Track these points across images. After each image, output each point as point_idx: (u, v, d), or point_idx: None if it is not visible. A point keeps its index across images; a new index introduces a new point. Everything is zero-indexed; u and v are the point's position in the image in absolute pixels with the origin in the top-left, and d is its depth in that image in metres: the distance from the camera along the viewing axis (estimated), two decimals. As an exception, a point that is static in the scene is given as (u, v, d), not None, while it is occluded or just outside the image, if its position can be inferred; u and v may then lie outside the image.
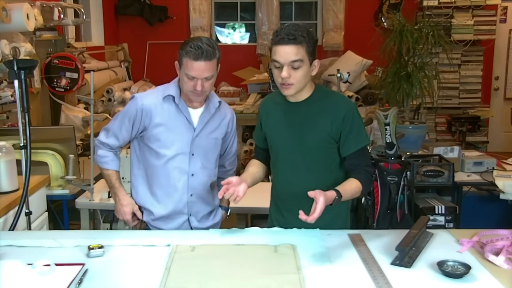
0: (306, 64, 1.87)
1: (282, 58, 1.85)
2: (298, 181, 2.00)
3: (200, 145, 2.15)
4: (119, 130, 2.17)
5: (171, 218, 2.18)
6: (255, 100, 5.54)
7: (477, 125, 6.05)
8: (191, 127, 2.13)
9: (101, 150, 2.22)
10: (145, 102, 2.12)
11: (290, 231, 1.99)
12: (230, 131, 2.29)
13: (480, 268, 1.67)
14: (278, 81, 1.90)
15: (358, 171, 1.95)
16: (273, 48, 1.88)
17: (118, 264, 1.73)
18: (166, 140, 2.11)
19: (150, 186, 2.19)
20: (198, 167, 2.17)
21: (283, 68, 1.85)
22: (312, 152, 1.98)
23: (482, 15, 6.28)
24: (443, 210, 3.08)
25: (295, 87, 1.90)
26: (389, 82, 4.00)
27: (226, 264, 1.72)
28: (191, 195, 2.18)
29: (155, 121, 2.10)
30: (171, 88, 2.13)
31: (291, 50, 1.83)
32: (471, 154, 3.73)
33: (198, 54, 1.95)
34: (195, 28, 6.76)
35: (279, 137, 2.03)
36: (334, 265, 1.69)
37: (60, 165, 3.08)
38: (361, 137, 1.98)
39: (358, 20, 6.59)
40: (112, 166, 2.21)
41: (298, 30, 1.84)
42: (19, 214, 2.31)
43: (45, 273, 1.61)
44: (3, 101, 3.35)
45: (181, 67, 2.04)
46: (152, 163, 2.16)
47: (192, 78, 2.00)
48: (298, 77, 1.87)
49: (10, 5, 3.26)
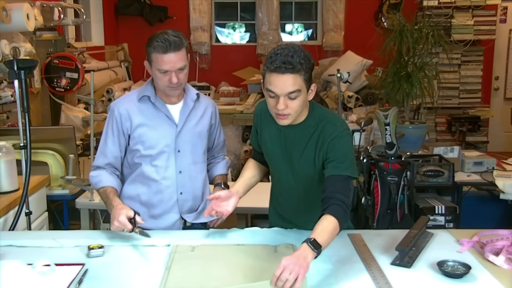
0: (303, 93, 1.74)
1: (278, 89, 1.70)
2: (292, 196, 1.98)
3: (185, 141, 2.12)
4: (105, 145, 2.11)
5: (162, 218, 2.14)
6: (255, 100, 5.54)
7: (477, 125, 6.05)
8: (173, 124, 2.10)
9: (92, 172, 2.13)
10: (121, 107, 2.09)
11: (290, 231, 1.99)
12: (215, 122, 2.26)
13: (480, 268, 1.67)
14: (273, 111, 1.77)
15: (333, 202, 1.69)
16: (268, 75, 1.72)
17: (118, 264, 1.73)
18: (150, 140, 2.08)
19: (137, 187, 2.14)
20: (185, 163, 2.13)
21: (279, 100, 1.71)
22: (302, 176, 1.91)
23: (482, 15, 6.27)
24: (443, 210, 3.08)
25: (292, 117, 1.77)
26: (389, 82, 4.00)
27: (226, 264, 1.72)
28: (180, 193, 2.14)
29: (136, 123, 2.07)
30: (145, 89, 2.10)
31: (288, 80, 1.68)
32: (471, 154, 3.72)
33: (167, 47, 1.93)
34: (195, 28, 6.75)
35: (272, 155, 1.97)
36: (334, 265, 1.69)
37: (60, 165, 3.08)
38: (343, 165, 1.77)
39: (358, 20, 6.59)
40: (106, 183, 2.06)
41: (296, 57, 1.68)
42: (19, 214, 2.31)
43: (45, 273, 1.61)
44: (3, 101, 3.35)
45: (151, 65, 2.00)
46: (139, 165, 2.11)
47: (166, 72, 1.97)
48: (295, 107, 1.74)
49: (10, 5, 3.26)
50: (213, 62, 6.93)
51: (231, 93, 5.96)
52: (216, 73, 6.80)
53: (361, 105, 5.29)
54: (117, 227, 1.85)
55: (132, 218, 1.86)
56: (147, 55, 2.01)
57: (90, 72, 3.42)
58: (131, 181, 2.15)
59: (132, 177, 2.15)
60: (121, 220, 1.84)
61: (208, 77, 6.75)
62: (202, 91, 6.06)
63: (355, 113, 4.95)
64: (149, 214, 2.13)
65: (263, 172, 2.15)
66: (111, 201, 1.97)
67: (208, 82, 6.58)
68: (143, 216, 1.94)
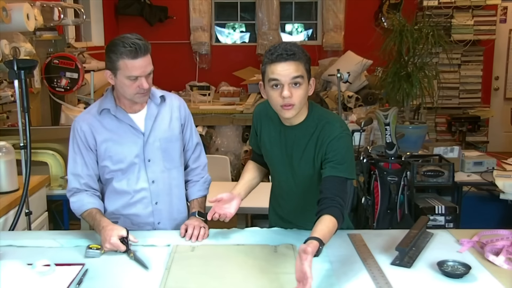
0: (305, 83, 1.75)
1: (282, 76, 1.70)
2: (292, 198, 1.98)
3: (155, 148, 2.01)
4: (75, 165, 2.00)
5: (143, 228, 2.06)
6: (255, 100, 5.54)
7: (477, 125, 6.04)
8: (138, 133, 1.99)
9: (71, 197, 2.00)
10: (83, 123, 1.99)
11: (290, 231, 1.99)
12: (185, 122, 2.11)
13: (480, 268, 1.67)
14: (278, 103, 1.74)
15: (331, 204, 1.69)
16: (269, 67, 1.72)
17: (118, 264, 1.73)
18: (117, 154, 1.97)
19: (114, 202, 2.04)
20: (157, 172, 2.03)
21: (284, 87, 1.70)
22: (302, 177, 1.90)
23: (482, 15, 6.27)
24: (443, 210, 3.07)
25: (296, 108, 1.75)
26: (389, 82, 4.00)
27: (226, 264, 1.72)
28: (155, 203, 2.05)
29: (99, 139, 1.97)
30: (104, 101, 2.00)
31: (291, 66, 1.70)
32: (471, 154, 3.72)
33: (136, 51, 1.83)
34: (195, 28, 6.75)
35: (272, 157, 1.96)
36: (334, 265, 1.69)
37: (60, 165, 3.08)
38: (342, 166, 1.77)
39: (358, 20, 6.59)
40: (88, 206, 1.95)
41: (294, 46, 1.73)
42: (19, 214, 2.32)
43: (45, 273, 1.61)
44: (3, 101, 3.35)
45: (117, 73, 1.88)
46: (111, 180, 2.01)
47: (136, 79, 1.86)
48: (299, 96, 1.73)
49: (10, 5, 3.26)
50: (213, 62, 6.93)
51: (231, 93, 5.97)
52: (216, 73, 6.81)
53: (361, 105, 5.28)
54: (110, 249, 1.79)
55: (125, 238, 1.80)
56: (109, 63, 1.88)
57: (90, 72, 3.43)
58: (107, 197, 2.05)
59: (107, 193, 2.05)
60: (113, 242, 1.77)
61: (208, 77, 6.76)
62: (202, 91, 6.11)
63: (355, 113, 4.95)
64: (132, 224, 2.05)
65: (263, 173, 2.13)
66: (99, 222, 1.87)
67: (208, 82, 6.58)
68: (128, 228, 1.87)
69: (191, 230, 1.93)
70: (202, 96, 5.94)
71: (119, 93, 1.96)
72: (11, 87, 3.35)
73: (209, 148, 5.24)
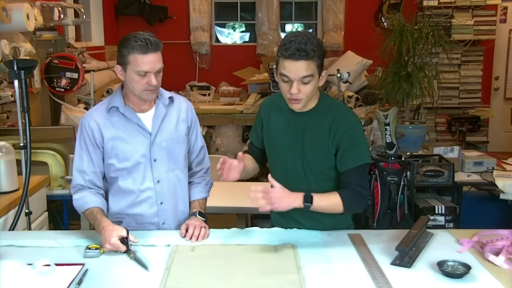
0: (315, 79, 1.81)
1: (292, 74, 1.77)
2: (296, 187, 1.93)
3: (161, 148, 2.02)
4: (81, 161, 2.00)
5: (147, 228, 2.06)
6: (255, 100, 5.54)
7: (477, 125, 6.05)
8: (146, 132, 2.00)
9: (75, 194, 2.00)
10: (91, 120, 1.99)
11: (290, 231, 1.99)
12: (191, 125, 2.13)
13: (480, 268, 1.67)
14: (286, 96, 1.84)
15: (347, 188, 1.87)
16: (282, 61, 1.79)
17: (118, 264, 1.73)
18: (123, 152, 1.98)
19: (118, 201, 2.04)
20: (163, 172, 2.03)
21: (293, 84, 1.78)
22: (311, 162, 1.92)
23: (482, 15, 6.28)
24: (443, 210, 3.07)
25: (304, 101, 1.84)
26: (389, 82, 4.00)
27: (226, 264, 1.72)
28: (161, 203, 2.05)
29: (107, 136, 1.98)
30: (114, 99, 2.01)
31: (302, 66, 1.76)
32: (471, 154, 3.72)
33: (147, 46, 1.85)
34: (195, 28, 6.76)
35: (279, 145, 1.97)
36: (334, 265, 1.70)
37: (60, 165, 3.08)
38: (360, 155, 1.89)
39: (358, 20, 6.59)
40: (91, 204, 1.95)
41: (309, 44, 1.75)
42: (19, 214, 2.32)
43: (45, 273, 1.61)
44: (3, 101, 3.35)
45: (127, 67, 1.89)
46: (116, 178, 2.02)
47: (145, 74, 1.88)
48: (307, 91, 1.81)
49: (10, 5, 3.26)
50: (213, 62, 6.94)
51: (231, 93, 5.97)
52: (216, 73, 6.81)
53: (361, 105, 5.29)
54: (110, 250, 1.79)
55: (125, 238, 1.79)
56: (120, 57, 1.90)
57: (90, 72, 3.43)
58: (111, 196, 2.06)
59: (111, 192, 2.05)
60: (113, 242, 1.77)
61: (208, 77, 6.76)
62: (202, 91, 6.11)
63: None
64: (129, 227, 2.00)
65: (257, 169, 2.11)
66: (99, 222, 1.88)
67: (208, 82, 6.58)
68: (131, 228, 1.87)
69: (192, 230, 1.94)
70: (202, 96, 5.95)
71: (128, 89, 1.97)
72: (11, 87, 3.35)
73: (209, 148, 5.23)
